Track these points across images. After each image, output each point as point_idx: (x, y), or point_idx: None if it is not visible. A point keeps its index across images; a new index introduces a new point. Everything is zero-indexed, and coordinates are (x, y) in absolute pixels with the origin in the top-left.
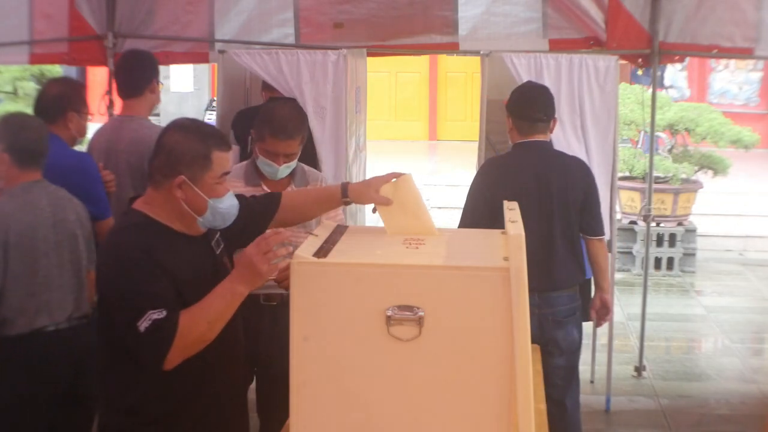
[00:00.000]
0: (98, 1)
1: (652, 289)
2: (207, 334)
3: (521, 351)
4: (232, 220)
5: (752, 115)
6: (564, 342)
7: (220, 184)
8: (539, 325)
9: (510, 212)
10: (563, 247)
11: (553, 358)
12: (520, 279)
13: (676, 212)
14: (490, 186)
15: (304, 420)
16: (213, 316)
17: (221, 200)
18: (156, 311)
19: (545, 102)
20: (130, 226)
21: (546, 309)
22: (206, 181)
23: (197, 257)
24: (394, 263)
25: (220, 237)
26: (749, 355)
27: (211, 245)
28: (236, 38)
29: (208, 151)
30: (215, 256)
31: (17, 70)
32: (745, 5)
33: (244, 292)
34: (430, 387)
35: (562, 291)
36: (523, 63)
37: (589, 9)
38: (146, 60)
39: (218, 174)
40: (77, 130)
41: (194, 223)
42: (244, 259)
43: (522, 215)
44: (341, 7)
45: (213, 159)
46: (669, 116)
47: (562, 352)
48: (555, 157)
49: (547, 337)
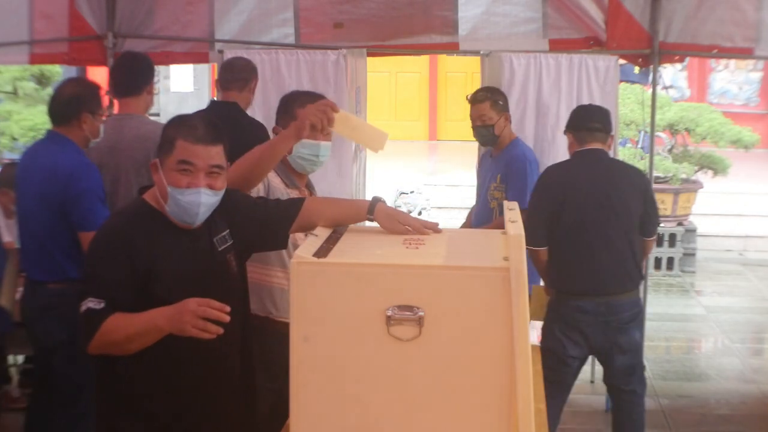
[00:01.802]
0: (98, 1)
1: (652, 289)
2: (124, 345)
3: (521, 351)
4: (198, 218)
5: (752, 115)
6: (626, 344)
7: (182, 174)
8: (603, 331)
9: (510, 212)
10: (626, 251)
11: (615, 360)
12: (520, 279)
13: (676, 212)
14: (548, 189)
15: (304, 420)
16: (131, 332)
17: (181, 191)
18: (96, 300)
19: (602, 114)
20: (122, 211)
21: (610, 317)
22: (168, 167)
23: (189, 251)
24: (394, 263)
25: (229, 234)
26: (749, 355)
27: (213, 241)
28: (236, 38)
29: (174, 137)
30: (214, 252)
31: (17, 70)
32: (745, 5)
33: (163, 329)
34: (430, 387)
35: (626, 295)
36: (522, 63)
37: (589, 9)
38: (145, 61)
39: (176, 160)
40: (91, 131)
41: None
42: (181, 304)
43: (584, 220)
44: (341, 7)
45: (176, 145)
46: (669, 116)
47: (624, 353)
48: (613, 164)
49: (611, 342)
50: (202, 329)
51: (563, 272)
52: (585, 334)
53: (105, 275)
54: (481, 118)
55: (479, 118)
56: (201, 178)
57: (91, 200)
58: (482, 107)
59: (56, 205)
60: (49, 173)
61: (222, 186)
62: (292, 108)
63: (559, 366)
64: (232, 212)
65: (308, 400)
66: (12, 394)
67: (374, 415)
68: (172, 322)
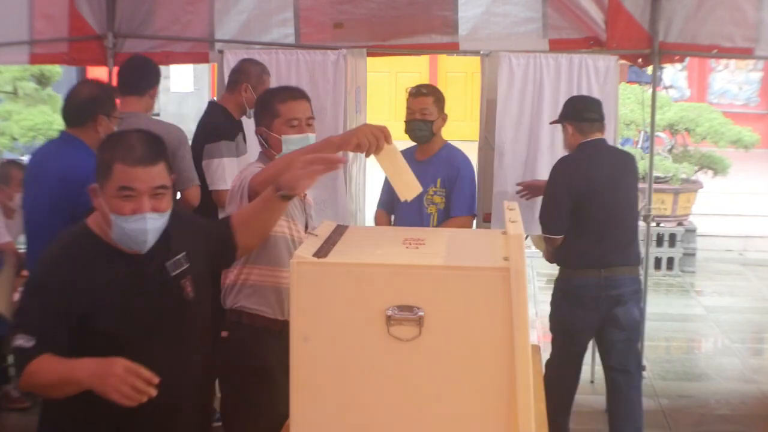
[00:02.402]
0: (98, 1)
1: (652, 289)
2: (47, 390)
3: (521, 351)
4: (146, 245)
5: (752, 115)
6: (624, 319)
7: (124, 200)
8: (606, 303)
9: (510, 212)
10: (632, 230)
11: (613, 335)
12: (520, 279)
13: (676, 212)
14: (569, 181)
15: (304, 420)
16: (52, 380)
17: (125, 218)
18: (26, 337)
19: (597, 104)
20: (63, 239)
21: (612, 290)
22: (108, 193)
23: (137, 278)
24: (394, 263)
25: (185, 257)
26: (749, 355)
27: (164, 266)
28: (236, 38)
29: (111, 160)
30: (166, 278)
31: (17, 70)
32: (745, 5)
33: (82, 384)
34: (430, 387)
35: (627, 270)
36: (522, 63)
37: (589, 9)
38: (153, 66)
39: (116, 186)
40: (105, 133)
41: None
42: (107, 364)
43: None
44: (341, 7)
45: (114, 170)
46: (669, 116)
47: (623, 329)
48: (616, 151)
49: (610, 314)
50: (126, 396)
51: (572, 250)
52: (590, 307)
53: (37, 311)
54: (422, 111)
55: (420, 111)
56: (145, 202)
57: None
58: (426, 100)
59: (68, 211)
60: (61, 179)
61: (167, 206)
62: (272, 104)
63: (570, 341)
64: (189, 233)
65: (308, 400)
66: (12, 394)
67: (374, 415)
68: (93, 380)
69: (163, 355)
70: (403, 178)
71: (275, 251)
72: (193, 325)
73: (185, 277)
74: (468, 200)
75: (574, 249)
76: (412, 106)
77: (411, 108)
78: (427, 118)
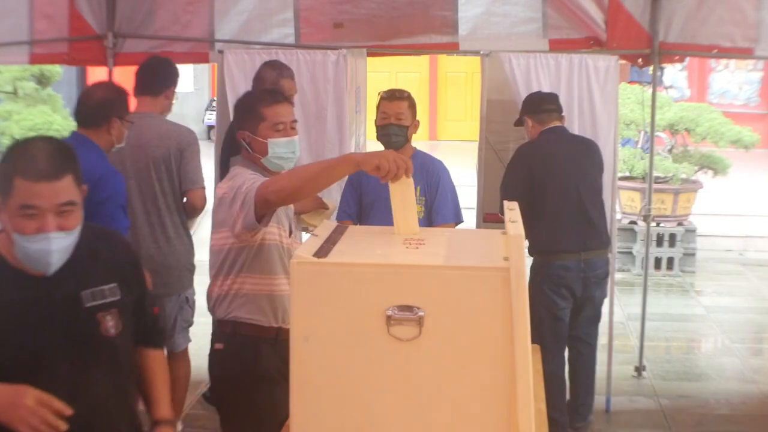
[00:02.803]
0: (98, 1)
1: (652, 289)
2: None
3: (521, 351)
4: (52, 266)
5: (752, 115)
6: (598, 297)
7: (27, 219)
8: (584, 285)
9: (510, 212)
10: (599, 214)
11: (585, 311)
12: (520, 279)
13: (676, 212)
14: (528, 162)
15: (304, 420)
16: None
17: (28, 238)
18: None
19: (554, 97)
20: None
21: (590, 272)
22: (10, 210)
23: (37, 302)
24: (394, 263)
25: (117, 289)
26: (749, 355)
27: (80, 294)
28: (236, 38)
29: (12, 174)
30: (76, 307)
31: (17, 70)
32: (745, 5)
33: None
34: (430, 387)
35: (600, 253)
36: (522, 63)
37: (589, 9)
38: (171, 67)
39: (18, 204)
40: (117, 136)
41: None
42: (16, 394)
43: (558, 189)
44: (341, 7)
45: (15, 185)
46: (669, 116)
47: (595, 306)
48: (578, 138)
49: (588, 295)
50: (34, 430)
51: (549, 237)
52: (571, 289)
53: None
54: (397, 116)
55: (395, 116)
56: (49, 220)
57: (113, 207)
58: (401, 105)
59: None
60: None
61: (76, 223)
62: (256, 108)
63: (554, 322)
64: (124, 264)
65: (308, 400)
66: None
67: (374, 415)
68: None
69: (69, 387)
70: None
71: (269, 259)
72: (110, 360)
73: (107, 311)
74: (453, 207)
75: (551, 235)
76: (387, 110)
77: (385, 112)
78: (402, 123)
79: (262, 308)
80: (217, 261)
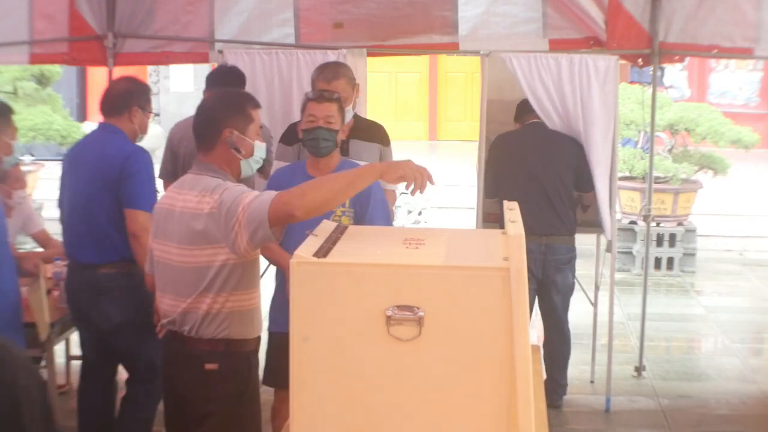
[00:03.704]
0: (98, 1)
1: (652, 289)
2: None
3: (521, 351)
4: None
5: (752, 115)
6: (561, 284)
7: None
8: (543, 268)
9: (510, 212)
10: (565, 202)
11: (552, 297)
12: (520, 279)
13: (676, 212)
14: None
15: (304, 420)
16: None
17: None
18: None
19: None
20: None
21: (550, 256)
22: None
23: None
24: (394, 263)
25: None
26: (749, 355)
27: None
28: (236, 38)
29: None
30: None
31: (17, 70)
32: (745, 5)
33: None
34: (430, 387)
35: (562, 239)
36: (523, 63)
37: (589, 9)
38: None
39: None
40: (140, 125)
41: None
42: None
43: (534, 175)
44: (341, 7)
45: None
46: (669, 116)
47: (559, 292)
48: (554, 133)
49: (550, 279)
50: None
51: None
52: (531, 270)
53: None
54: (327, 118)
55: (324, 119)
56: None
57: (142, 180)
58: (331, 107)
59: (113, 185)
60: (106, 156)
61: None
62: (246, 109)
63: None
64: None
65: (308, 400)
66: None
67: (374, 415)
68: None
69: None
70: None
71: (256, 273)
72: None
73: None
74: (385, 217)
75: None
76: (315, 112)
77: (314, 115)
78: (332, 126)
79: (250, 322)
80: (200, 278)
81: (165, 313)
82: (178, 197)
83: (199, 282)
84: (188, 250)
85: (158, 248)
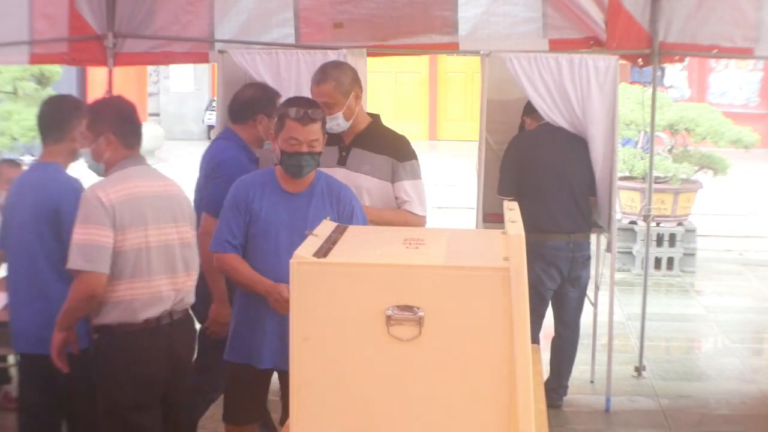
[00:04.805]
0: (98, 1)
1: (652, 289)
2: None
3: (521, 351)
4: None
5: (752, 115)
6: (583, 279)
7: None
8: (572, 265)
9: (510, 212)
10: (584, 201)
11: (570, 293)
12: (520, 279)
13: (676, 212)
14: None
15: (304, 420)
16: None
17: None
18: None
19: None
20: None
21: (577, 252)
22: None
23: None
24: (394, 263)
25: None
26: (749, 355)
27: None
28: (236, 38)
29: None
30: None
31: (17, 70)
32: (745, 5)
33: None
34: (430, 387)
35: (585, 235)
36: (523, 63)
37: (589, 9)
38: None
39: None
40: (265, 132)
41: None
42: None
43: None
44: (341, 7)
45: None
46: (669, 116)
47: (579, 287)
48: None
49: (574, 275)
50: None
51: (543, 217)
52: (560, 269)
53: None
54: (311, 143)
55: (308, 143)
56: None
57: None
58: (315, 128)
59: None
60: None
61: None
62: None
63: (538, 301)
64: None
65: (308, 400)
66: (12, 394)
67: (374, 415)
68: None
69: None
70: None
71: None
72: None
73: None
74: None
75: (544, 215)
76: (299, 136)
77: (296, 138)
78: (315, 149)
79: None
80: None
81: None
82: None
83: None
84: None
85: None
